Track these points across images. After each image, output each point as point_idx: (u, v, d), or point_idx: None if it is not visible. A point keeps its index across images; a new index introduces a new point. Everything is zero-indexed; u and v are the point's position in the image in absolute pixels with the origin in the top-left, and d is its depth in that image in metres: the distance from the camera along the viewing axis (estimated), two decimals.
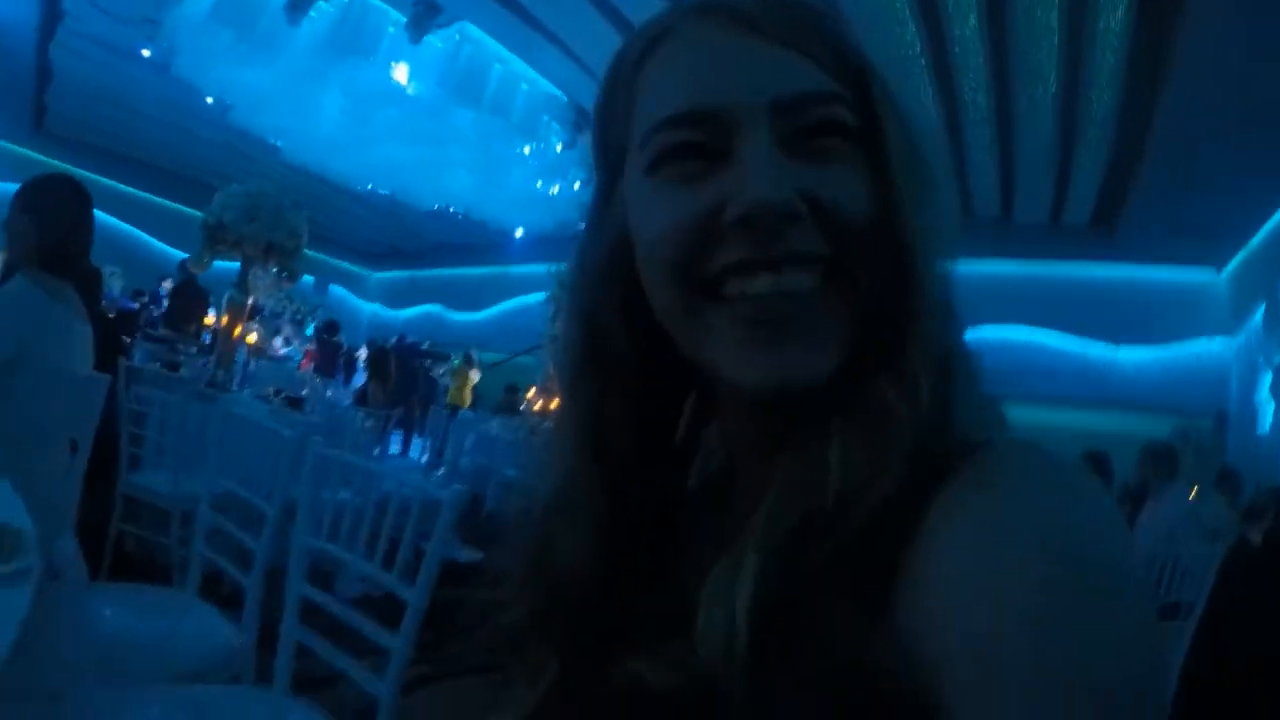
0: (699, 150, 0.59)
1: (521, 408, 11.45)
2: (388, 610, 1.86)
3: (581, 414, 0.71)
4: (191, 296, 8.40)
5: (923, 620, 0.48)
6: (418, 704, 1.73)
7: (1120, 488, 6.72)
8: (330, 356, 13.32)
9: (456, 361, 14.61)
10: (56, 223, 2.68)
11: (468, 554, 5.46)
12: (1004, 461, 0.54)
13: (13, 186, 2.78)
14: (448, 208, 15.64)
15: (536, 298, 10.37)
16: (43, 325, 2.52)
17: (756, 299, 0.57)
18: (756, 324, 0.57)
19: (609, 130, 0.69)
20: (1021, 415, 0.64)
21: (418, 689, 1.80)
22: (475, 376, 14.57)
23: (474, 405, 13.50)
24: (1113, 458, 6.16)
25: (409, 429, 11.58)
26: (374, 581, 1.91)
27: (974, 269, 0.64)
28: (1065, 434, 9.13)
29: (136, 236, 17.77)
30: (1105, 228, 11.51)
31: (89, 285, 4.80)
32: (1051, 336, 12.31)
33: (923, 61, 8.10)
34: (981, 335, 0.65)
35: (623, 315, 0.68)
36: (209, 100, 12.38)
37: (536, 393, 11.27)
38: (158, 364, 5.56)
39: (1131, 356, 11.98)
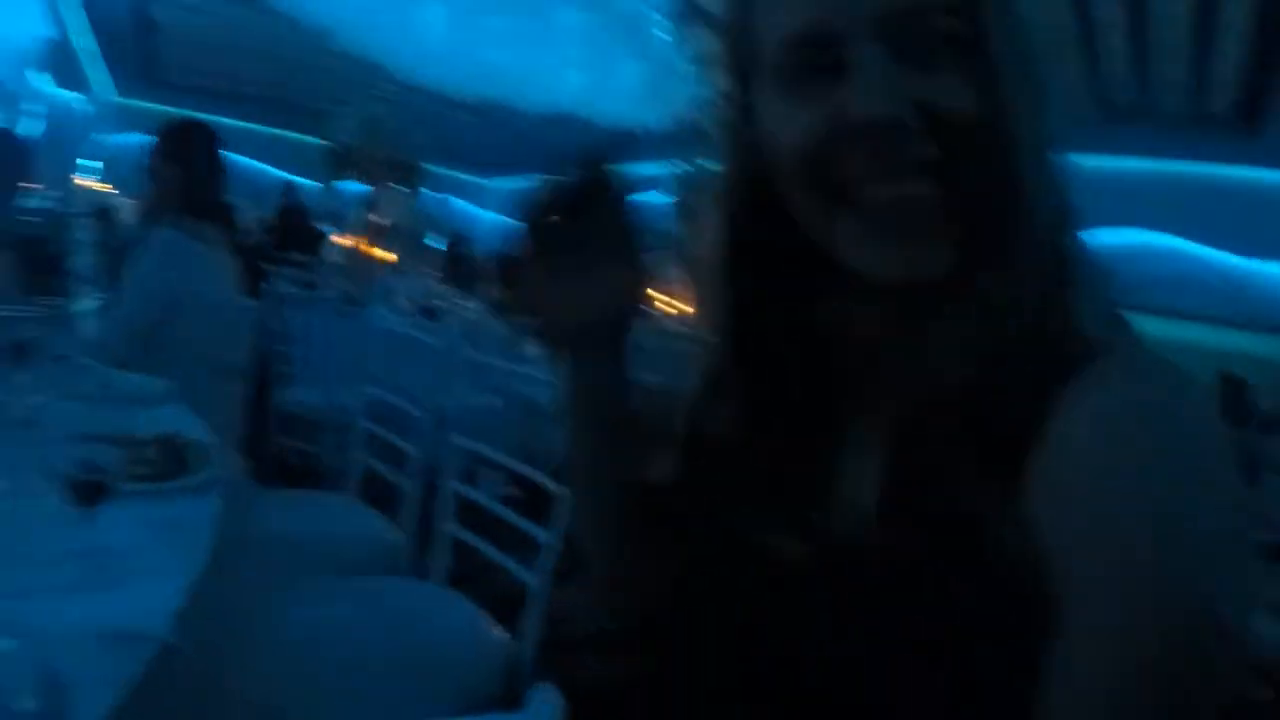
0: (819, 67, 0.62)
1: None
2: (529, 511, 1.97)
3: (724, 302, 0.76)
4: (295, 217, 8.74)
5: (1048, 506, 0.54)
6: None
7: (1258, 415, 6.23)
8: (462, 267, 13.60)
9: None
10: (196, 167, 2.78)
11: None
12: (1126, 360, 0.58)
13: (133, 137, 2.89)
14: (562, 111, 15.61)
15: (655, 197, 10.34)
16: (196, 269, 2.64)
17: (880, 205, 0.60)
18: (882, 224, 0.61)
19: (734, 41, 0.71)
20: (1152, 328, 0.66)
21: (565, 582, 1.91)
22: None
23: None
24: (1251, 383, 5.86)
25: None
26: (513, 484, 2.00)
27: (1102, 164, 0.65)
28: (1199, 353, 8.29)
29: (259, 169, 18.36)
30: (1250, 125, 10.29)
31: (226, 220, 5.04)
32: (1187, 244, 10.86)
33: None
34: (1109, 239, 0.66)
35: (760, 212, 0.71)
36: (310, 29, 12.51)
37: (660, 291, 11.33)
38: (295, 287, 5.80)
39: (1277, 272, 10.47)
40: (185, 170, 2.71)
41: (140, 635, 0.87)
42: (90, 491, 1.02)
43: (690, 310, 0.81)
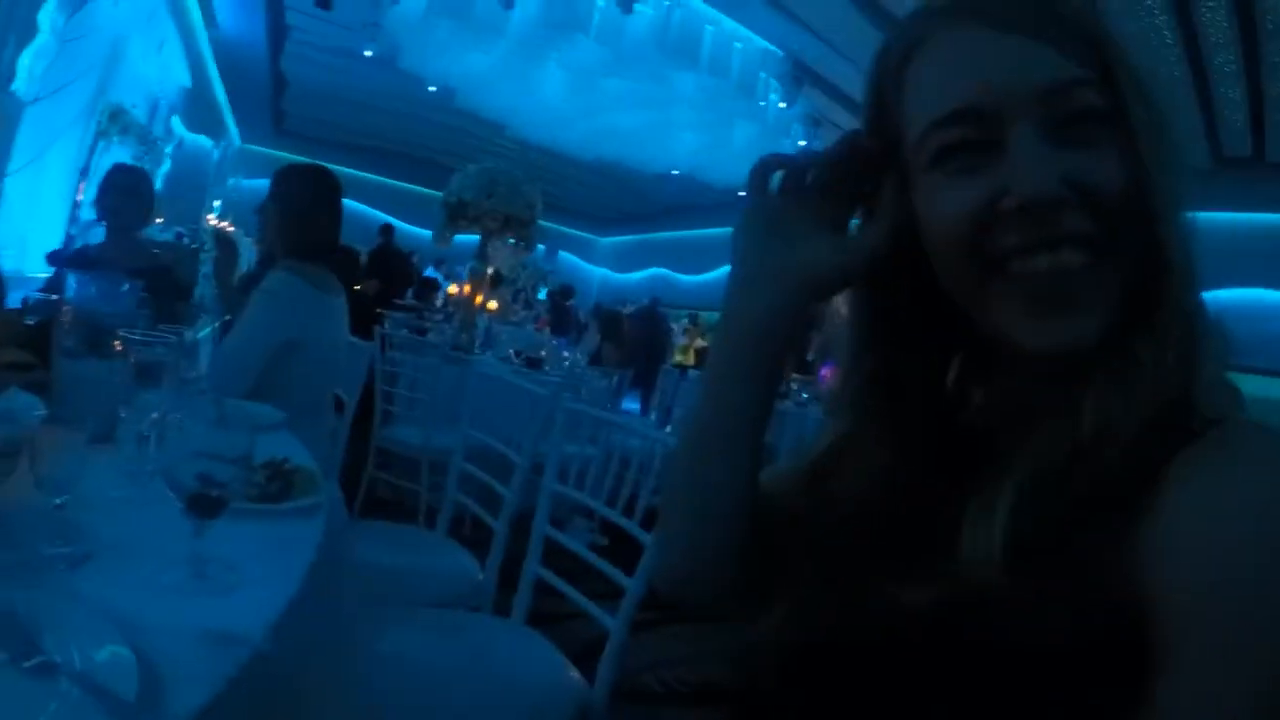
0: (972, 146, 0.67)
1: None
2: (615, 560, 2.01)
3: (868, 372, 0.81)
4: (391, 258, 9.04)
5: (1160, 563, 0.57)
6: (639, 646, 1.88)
7: None
8: (564, 319, 13.81)
9: (686, 324, 14.81)
10: (297, 208, 2.85)
11: None
12: (1240, 437, 0.61)
13: (264, 182, 3.01)
14: (672, 170, 15.78)
15: None
16: (307, 312, 2.74)
17: (1036, 276, 0.65)
18: (1038, 299, 0.65)
19: (880, 131, 0.76)
20: (1264, 389, 0.68)
21: (639, 632, 1.94)
22: (700, 339, 14.77)
23: (699, 364, 13.66)
24: None
25: (648, 388, 11.84)
26: (599, 533, 2.04)
27: (1223, 219, 0.70)
28: None
29: (378, 218, 18.97)
30: None
31: (344, 265, 5.24)
32: None
33: None
34: (1229, 297, 0.70)
35: (905, 286, 0.78)
36: (432, 89, 12.96)
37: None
38: (405, 330, 6.00)
39: None
40: (296, 212, 2.82)
41: (237, 639, 0.94)
42: (208, 505, 1.10)
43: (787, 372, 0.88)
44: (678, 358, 13.92)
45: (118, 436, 1.46)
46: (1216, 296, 0.71)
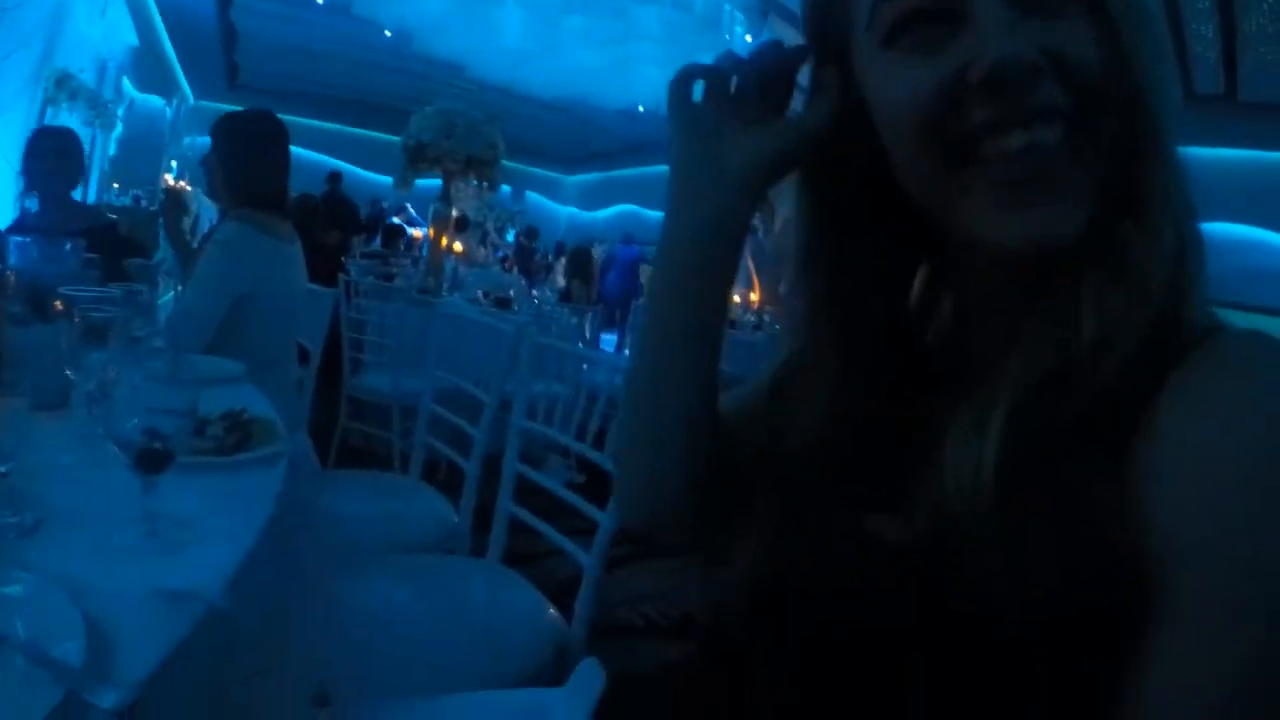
0: (930, 16, 0.60)
1: None
2: (588, 498, 1.99)
3: (817, 283, 0.75)
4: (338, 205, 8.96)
5: (1154, 496, 0.53)
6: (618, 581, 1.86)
7: None
8: (529, 261, 13.74)
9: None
10: (238, 156, 2.77)
11: None
12: (1240, 351, 0.57)
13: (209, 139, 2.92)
14: (637, 106, 15.63)
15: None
16: (262, 261, 2.67)
17: (1009, 157, 0.58)
18: (1013, 184, 0.58)
19: (825, 16, 0.70)
20: (1243, 322, 0.62)
21: (618, 568, 1.93)
22: None
23: None
24: None
25: (609, 325, 11.83)
26: (576, 471, 2.02)
27: (1195, 155, 0.63)
28: None
29: (341, 168, 18.75)
30: None
31: (304, 214, 5.15)
32: (1272, 236, 9.99)
33: None
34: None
35: (856, 187, 0.71)
36: (388, 33, 12.73)
37: (735, 286, 11.28)
38: (372, 277, 5.94)
39: None
40: (237, 160, 2.74)
41: (189, 596, 0.91)
42: (154, 459, 1.06)
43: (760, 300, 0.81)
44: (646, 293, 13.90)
45: (71, 402, 1.42)
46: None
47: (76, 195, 3.54)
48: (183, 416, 1.07)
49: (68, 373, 1.43)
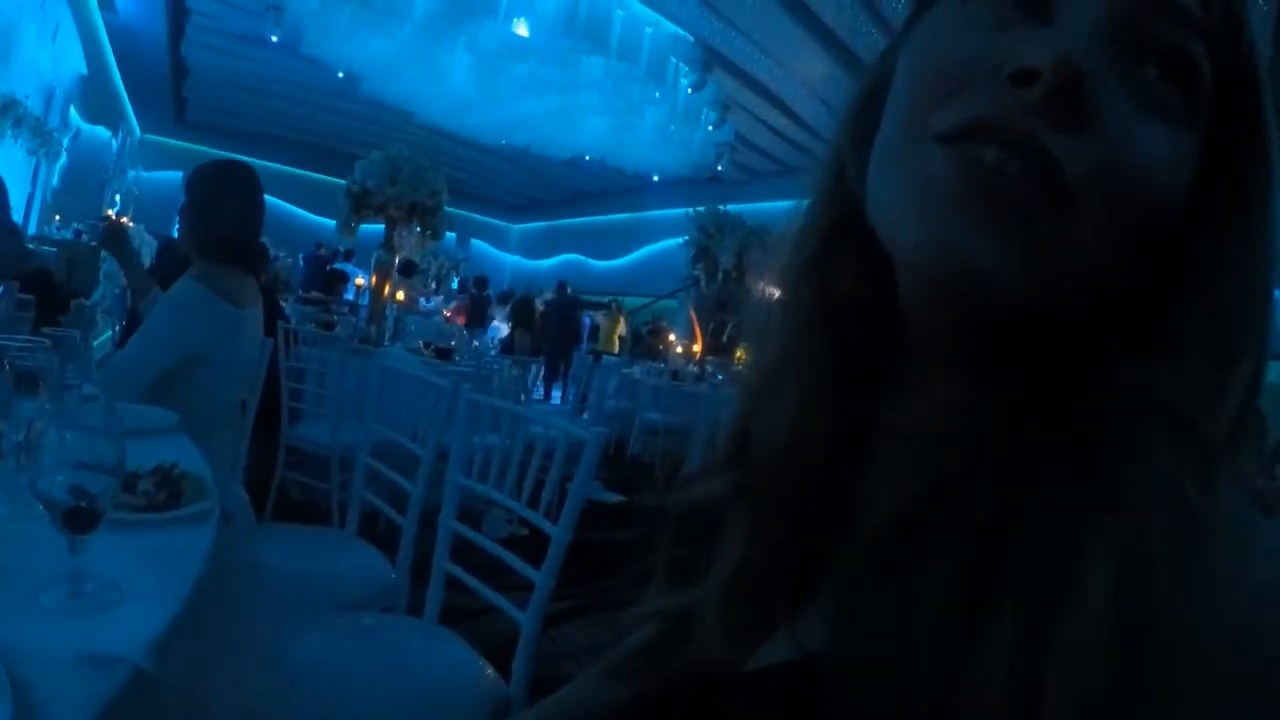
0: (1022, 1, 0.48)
1: (661, 348, 11.57)
2: (530, 552, 1.96)
3: (805, 280, 0.63)
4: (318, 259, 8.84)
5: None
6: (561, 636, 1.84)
7: None
8: (481, 310, 13.73)
9: (606, 310, 14.83)
10: (203, 206, 2.68)
11: (609, 497, 5.64)
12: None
13: (166, 175, 2.87)
14: (583, 156, 15.77)
15: (675, 241, 10.33)
16: (215, 326, 2.60)
17: (974, 164, 0.45)
18: (967, 183, 0.45)
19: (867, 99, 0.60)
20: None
21: (561, 623, 1.91)
22: (623, 324, 14.80)
23: (620, 352, 13.65)
24: None
25: (553, 376, 11.82)
26: (518, 524, 2.01)
27: None
28: None
29: (283, 208, 18.64)
30: None
31: (258, 264, 5.11)
32: None
33: None
34: None
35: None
36: (340, 75, 12.76)
37: (678, 337, 11.38)
38: (311, 324, 5.89)
39: None
40: (202, 210, 2.67)
41: (115, 659, 0.89)
42: (81, 519, 1.04)
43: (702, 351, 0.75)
44: (599, 345, 13.88)
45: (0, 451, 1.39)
46: None
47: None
48: (110, 474, 1.06)
49: None
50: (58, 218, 10.03)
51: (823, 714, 0.47)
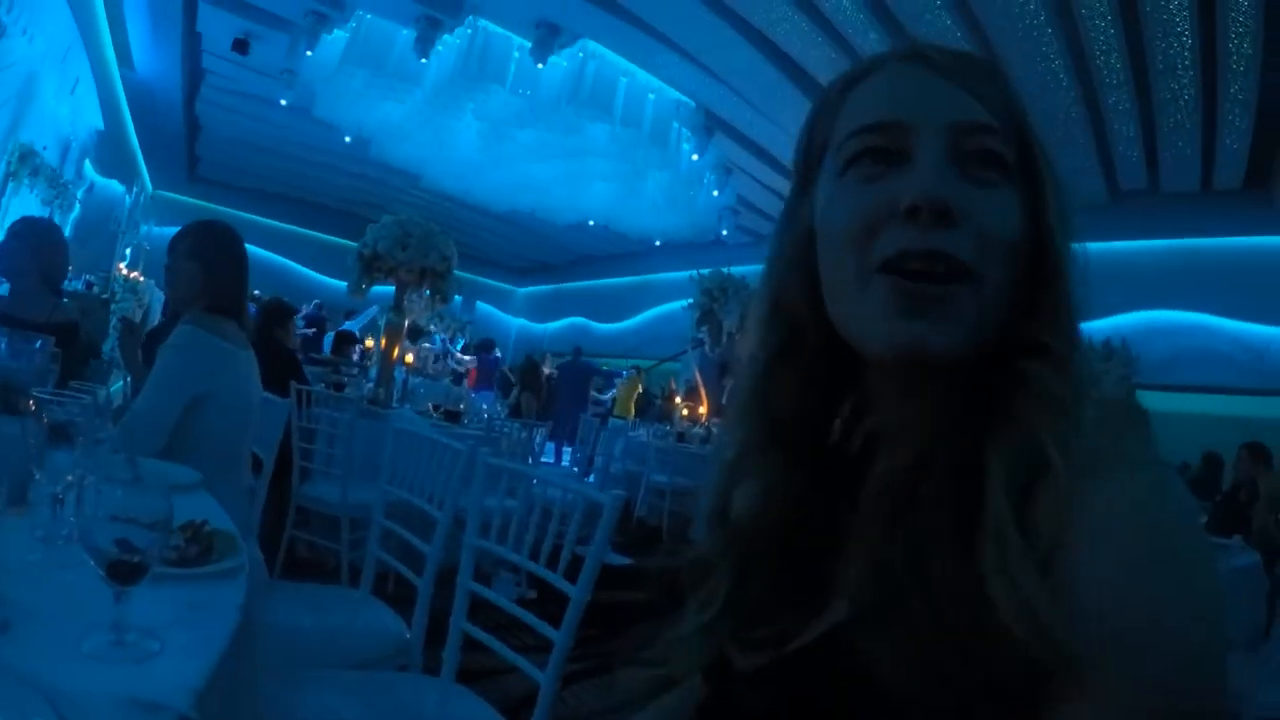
0: (883, 156, 0.73)
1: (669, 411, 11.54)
2: (541, 614, 1.99)
3: (761, 383, 0.86)
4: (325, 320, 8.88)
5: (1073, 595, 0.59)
6: (572, 695, 1.85)
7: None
8: (489, 372, 13.73)
9: (626, 375, 14.77)
10: (221, 269, 2.85)
11: (617, 559, 5.63)
12: (1123, 480, 0.63)
13: (168, 229, 2.96)
14: (587, 221, 15.92)
15: (679, 304, 10.42)
16: (216, 363, 2.70)
17: (908, 277, 0.69)
18: (904, 296, 0.69)
19: (809, 145, 0.84)
20: (1180, 405, 0.72)
21: (572, 683, 1.92)
22: (640, 389, 14.76)
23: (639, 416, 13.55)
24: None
25: (563, 438, 11.74)
26: (526, 586, 2.02)
27: (1122, 247, 0.78)
28: (1227, 425, 8.53)
29: (290, 268, 18.78)
30: (1260, 192, 10.34)
31: (281, 320, 5.18)
32: (1207, 318, 10.88)
33: (1049, 31, 7.77)
34: (1129, 320, 0.78)
35: (805, 296, 0.81)
36: (347, 139, 12.96)
37: (683, 397, 11.39)
38: (322, 385, 5.92)
39: None
40: (204, 269, 2.78)
41: (160, 707, 0.92)
42: (128, 572, 1.08)
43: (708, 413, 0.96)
44: (617, 410, 13.81)
45: (30, 499, 1.43)
46: (1119, 321, 0.79)
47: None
48: (156, 529, 1.09)
49: (33, 471, 1.44)
50: (69, 269, 10.09)
51: (859, 668, 0.64)
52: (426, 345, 12.45)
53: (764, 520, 0.83)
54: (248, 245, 3.03)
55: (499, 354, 14.85)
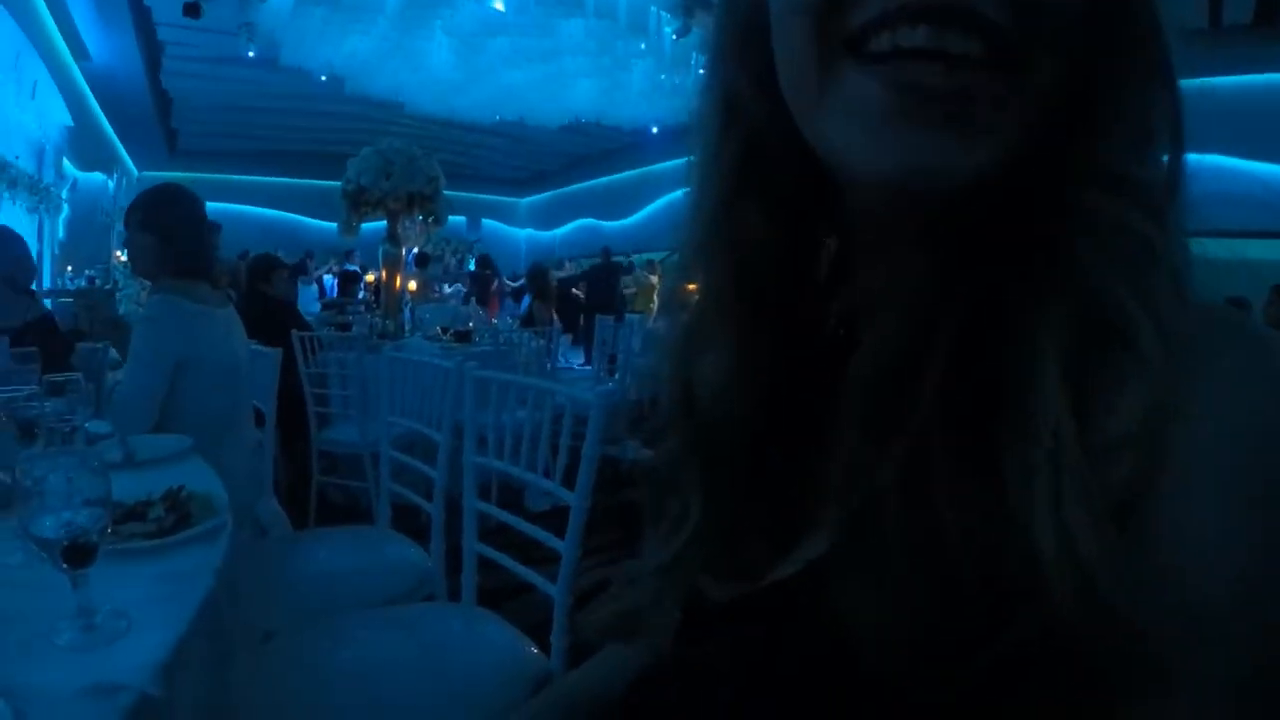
0: None
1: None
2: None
3: (720, 214, 0.61)
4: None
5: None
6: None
7: None
8: (486, 288, 13.67)
9: (639, 271, 14.69)
10: (178, 232, 2.75)
11: (648, 455, 5.64)
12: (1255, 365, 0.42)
13: None
14: (577, 120, 15.65)
15: (683, 191, 10.20)
16: (193, 328, 2.65)
17: (908, 56, 0.43)
18: (901, 88, 0.44)
19: None
20: (1208, 249, 0.50)
21: (594, 594, 1.90)
22: (656, 282, 14.67)
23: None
24: None
25: (589, 342, 11.68)
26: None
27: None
28: (1256, 269, 8.25)
29: (290, 220, 18.69)
30: (1269, 28, 9.39)
31: (253, 275, 5.15)
32: (1227, 160, 9.57)
33: None
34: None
35: (757, 95, 0.57)
36: (322, 79, 12.71)
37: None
38: (329, 328, 5.91)
39: None
40: (161, 238, 2.71)
41: (118, 687, 0.90)
42: (78, 553, 1.05)
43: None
44: (638, 306, 13.74)
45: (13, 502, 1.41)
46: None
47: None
48: (99, 505, 1.06)
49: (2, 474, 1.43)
50: (69, 268, 10.16)
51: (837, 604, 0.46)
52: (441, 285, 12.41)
53: (735, 411, 0.60)
54: (244, 207, 3.00)
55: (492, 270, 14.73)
